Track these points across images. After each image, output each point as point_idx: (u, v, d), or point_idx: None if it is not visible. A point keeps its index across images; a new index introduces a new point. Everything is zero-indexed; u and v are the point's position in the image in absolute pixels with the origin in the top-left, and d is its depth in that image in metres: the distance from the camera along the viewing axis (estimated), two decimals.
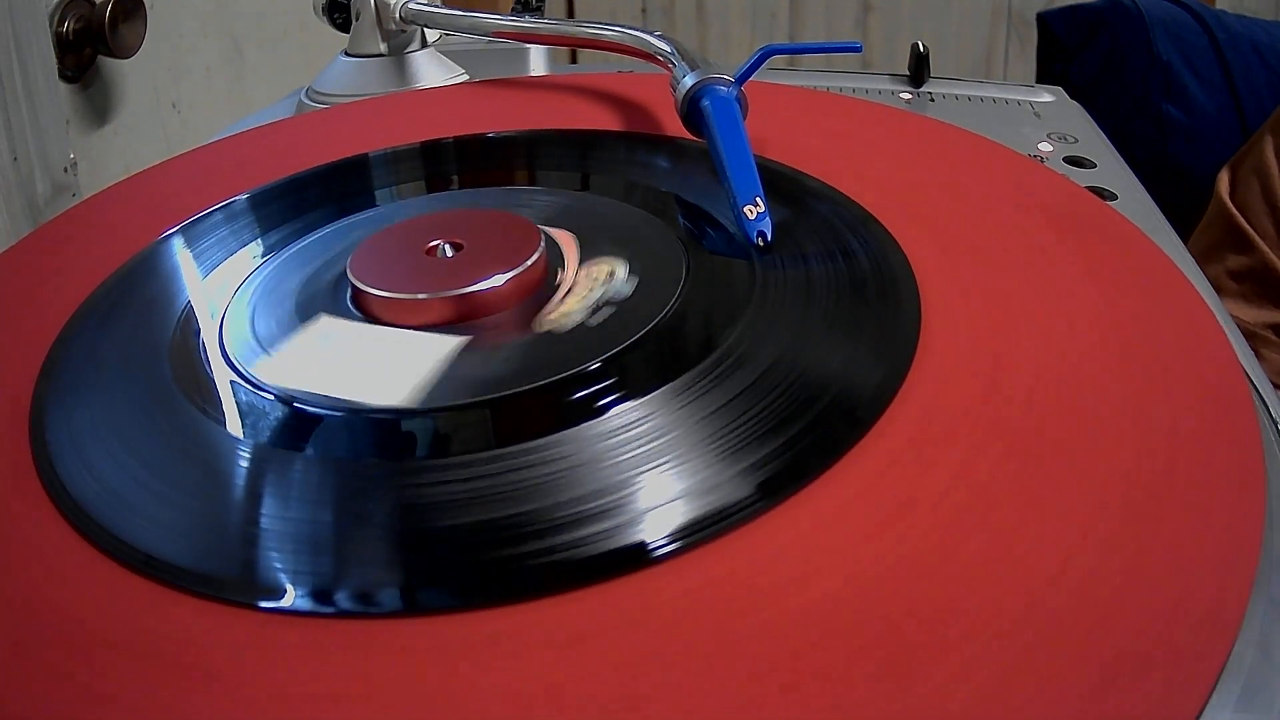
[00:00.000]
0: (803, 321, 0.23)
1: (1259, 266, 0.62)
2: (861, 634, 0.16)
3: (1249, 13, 0.97)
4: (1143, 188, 0.40)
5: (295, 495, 0.20)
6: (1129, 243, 0.27)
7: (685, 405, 0.21)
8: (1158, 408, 0.20)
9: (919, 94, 0.50)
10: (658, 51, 0.36)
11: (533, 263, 0.25)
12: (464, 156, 0.35)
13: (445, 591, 0.18)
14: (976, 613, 0.16)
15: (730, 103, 0.31)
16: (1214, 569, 0.17)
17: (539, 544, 0.18)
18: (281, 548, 0.19)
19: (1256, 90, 0.78)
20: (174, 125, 0.64)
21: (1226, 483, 0.19)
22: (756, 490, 0.19)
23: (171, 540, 0.19)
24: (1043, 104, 0.49)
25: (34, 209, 0.50)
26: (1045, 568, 0.17)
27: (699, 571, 0.17)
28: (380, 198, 0.32)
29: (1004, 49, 1.24)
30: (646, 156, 0.33)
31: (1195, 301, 0.24)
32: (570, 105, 0.38)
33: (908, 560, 0.17)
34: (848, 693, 0.15)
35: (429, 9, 0.46)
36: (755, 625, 0.16)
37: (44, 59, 0.50)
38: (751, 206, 0.26)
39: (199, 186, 0.34)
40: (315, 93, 0.47)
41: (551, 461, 0.20)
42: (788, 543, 0.18)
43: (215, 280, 0.28)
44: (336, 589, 0.18)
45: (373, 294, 0.25)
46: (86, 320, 0.27)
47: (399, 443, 0.21)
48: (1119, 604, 0.16)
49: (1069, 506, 0.18)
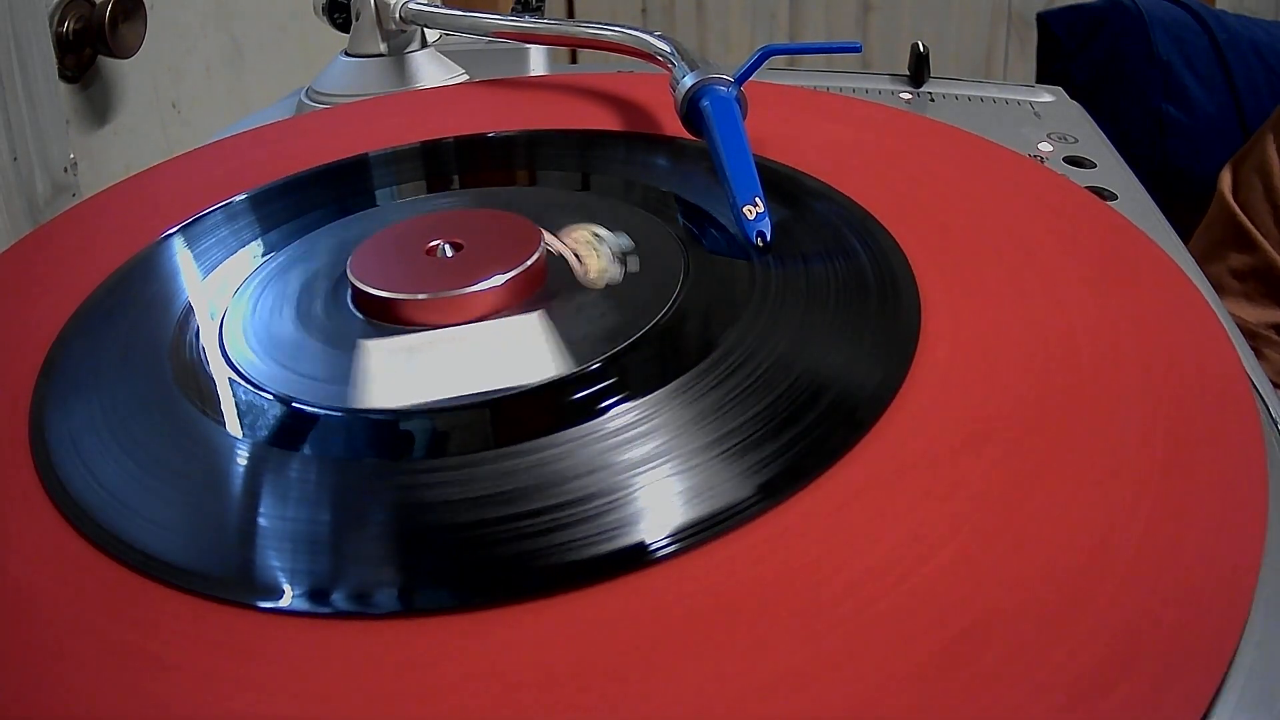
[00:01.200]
0: (802, 322, 0.23)
1: (1262, 266, 0.62)
2: (861, 635, 0.16)
3: (1249, 13, 0.97)
4: (1143, 188, 0.40)
5: (294, 495, 0.20)
6: (1129, 243, 0.27)
7: (685, 405, 0.21)
8: (1159, 408, 0.20)
9: (919, 94, 0.50)
10: (657, 51, 0.36)
11: (533, 261, 0.25)
12: (464, 156, 0.35)
13: (444, 592, 0.18)
14: (976, 613, 0.16)
15: (730, 103, 0.31)
16: (1216, 569, 0.17)
17: (538, 544, 0.18)
18: (280, 548, 0.19)
19: (1256, 90, 0.78)
20: (174, 125, 0.64)
21: (1229, 483, 0.19)
22: (756, 491, 0.19)
23: (171, 540, 0.19)
24: (1043, 104, 0.49)
25: (34, 209, 0.50)
26: (1045, 569, 0.17)
27: (698, 572, 0.17)
28: (380, 198, 0.32)
29: (1004, 49, 1.24)
30: (646, 156, 0.33)
31: (1197, 301, 0.24)
32: (570, 105, 0.38)
33: (907, 561, 0.17)
34: (848, 692, 0.15)
35: (429, 9, 0.46)
36: (754, 626, 0.16)
37: (44, 59, 0.50)
38: (751, 207, 0.26)
39: (199, 186, 0.34)
40: (315, 93, 0.47)
41: (551, 461, 0.20)
42: (787, 543, 0.18)
43: (215, 280, 0.28)
44: (335, 589, 0.18)
45: (402, 298, 0.24)
46: (86, 320, 0.27)
47: (398, 443, 0.21)
48: (1120, 604, 0.16)
49: (1069, 507, 0.18)
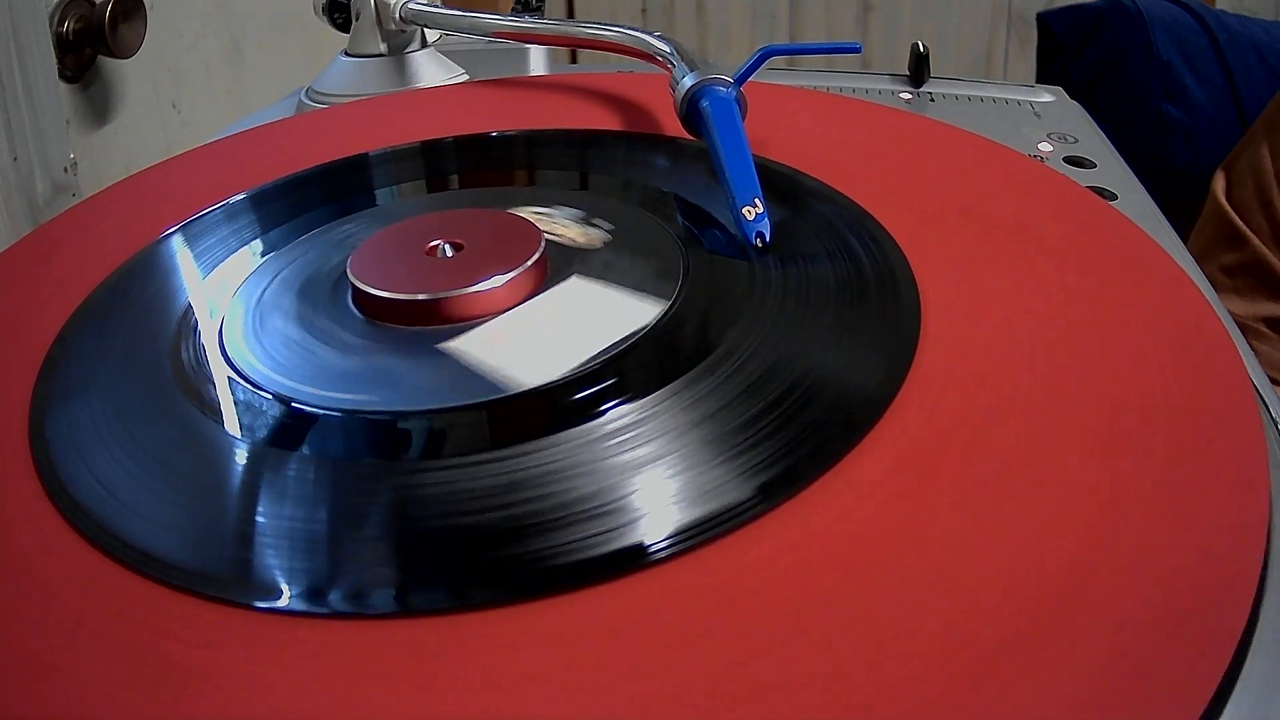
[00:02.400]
0: (801, 323, 0.23)
1: (1251, 261, 0.62)
2: (860, 637, 0.16)
3: (1249, 13, 0.97)
4: (1143, 188, 0.40)
5: (293, 495, 0.20)
6: (1129, 242, 0.27)
7: (683, 407, 0.21)
8: (1160, 408, 0.20)
9: (919, 94, 0.50)
10: (657, 52, 0.36)
11: (535, 259, 0.25)
12: (464, 156, 0.35)
13: (441, 592, 0.18)
14: (976, 614, 0.16)
15: (729, 103, 0.31)
16: (1218, 569, 0.17)
17: (536, 545, 0.18)
18: (278, 547, 0.19)
19: (1256, 90, 0.78)
20: (174, 125, 0.64)
21: (1230, 483, 0.19)
22: (755, 492, 0.19)
23: (170, 540, 0.19)
24: (1043, 104, 0.49)
25: (34, 209, 0.50)
26: (1045, 570, 0.17)
27: (696, 573, 0.17)
28: (380, 197, 0.32)
29: (1004, 49, 1.24)
30: (646, 156, 0.33)
31: (1197, 301, 0.24)
32: (570, 105, 0.38)
33: (905, 563, 0.17)
34: (845, 694, 0.15)
35: (429, 9, 0.46)
36: (752, 626, 0.16)
37: (44, 59, 0.50)
38: (750, 207, 0.26)
39: (199, 186, 0.34)
40: (315, 93, 0.47)
41: (549, 463, 0.20)
42: (785, 545, 0.18)
43: (215, 280, 0.28)
44: (332, 589, 0.18)
45: (403, 298, 0.24)
46: (86, 320, 0.27)
47: (397, 442, 0.21)
48: (1120, 605, 0.16)
49: (1068, 508, 0.18)
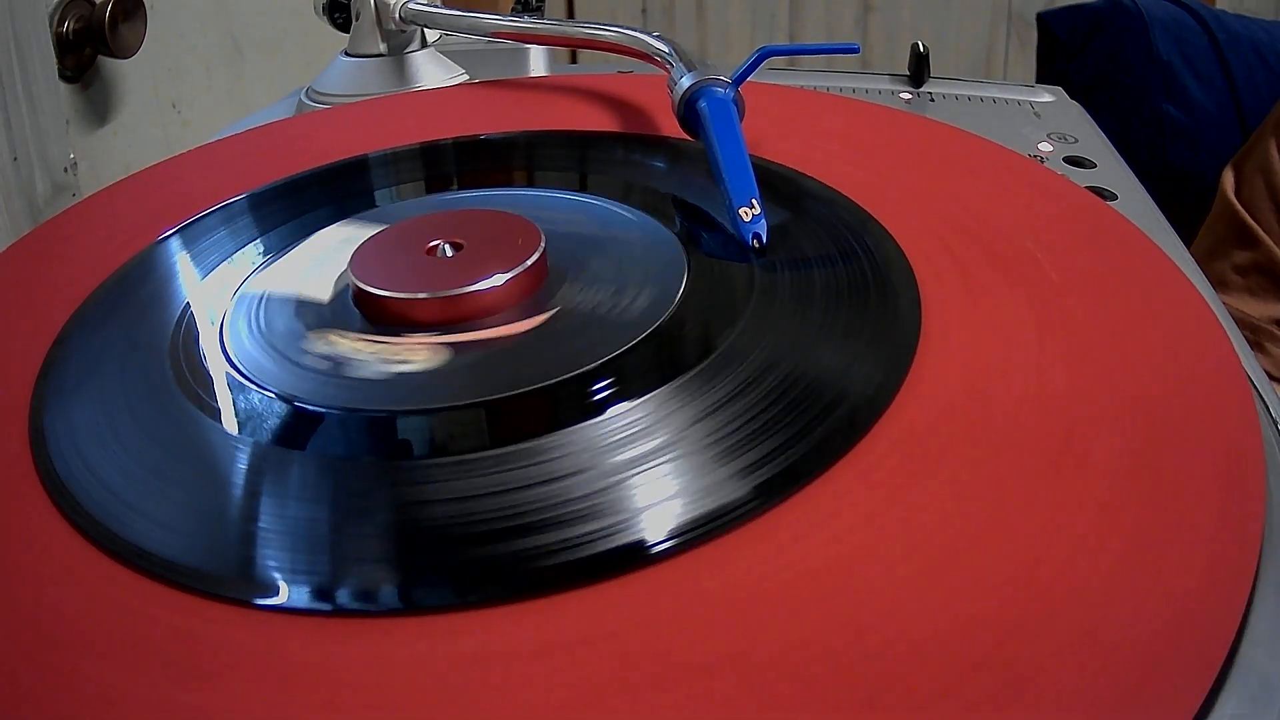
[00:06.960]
0: (801, 323, 0.23)
1: (1264, 261, 0.62)
2: (858, 636, 0.16)
3: (1249, 13, 0.97)
4: (1143, 188, 0.40)
5: (293, 494, 0.20)
6: (1129, 243, 0.27)
7: (683, 406, 0.21)
8: (1158, 409, 0.20)
9: (919, 94, 0.50)
10: (655, 52, 0.36)
11: (535, 259, 0.25)
12: (463, 157, 0.35)
13: (442, 590, 0.18)
14: (975, 615, 0.16)
15: (727, 104, 0.31)
16: (1215, 568, 0.17)
17: (536, 543, 0.18)
18: (279, 545, 0.19)
19: (1256, 90, 0.78)
20: (174, 125, 0.64)
21: (1228, 483, 0.19)
22: (754, 492, 0.19)
23: (170, 538, 0.19)
24: (1043, 104, 0.49)
25: (34, 209, 0.50)
26: (1044, 570, 0.17)
27: (695, 572, 0.17)
28: (380, 198, 0.32)
29: (1004, 49, 1.24)
30: (645, 157, 0.33)
31: (1196, 301, 0.24)
32: (569, 106, 0.38)
33: (904, 563, 0.17)
34: (843, 694, 0.15)
35: (429, 9, 0.46)
36: (751, 626, 0.16)
37: (44, 59, 0.50)
38: (747, 209, 0.26)
39: (199, 187, 0.34)
40: (315, 93, 0.47)
41: (550, 461, 0.20)
42: (784, 544, 0.18)
43: (215, 280, 0.28)
44: (334, 587, 0.18)
45: (404, 297, 0.24)
46: (86, 320, 0.27)
47: (398, 442, 0.21)
48: (1119, 605, 0.16)
49: (1068, 509, 0.18)
